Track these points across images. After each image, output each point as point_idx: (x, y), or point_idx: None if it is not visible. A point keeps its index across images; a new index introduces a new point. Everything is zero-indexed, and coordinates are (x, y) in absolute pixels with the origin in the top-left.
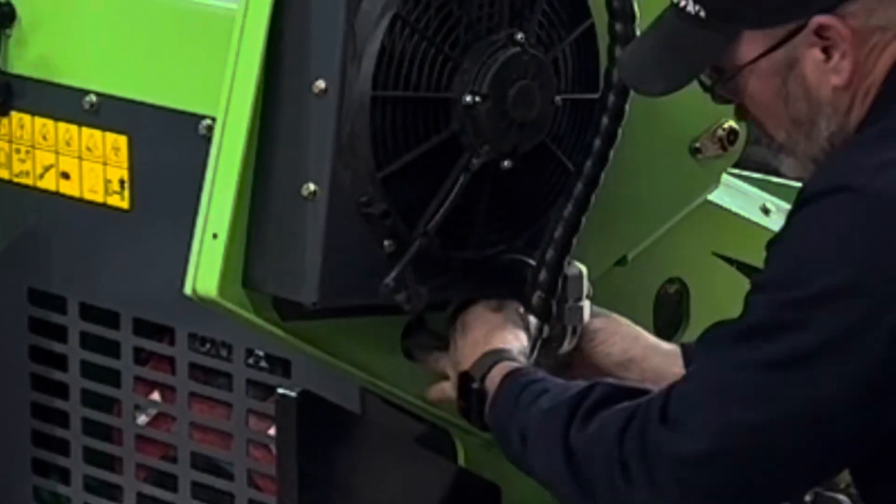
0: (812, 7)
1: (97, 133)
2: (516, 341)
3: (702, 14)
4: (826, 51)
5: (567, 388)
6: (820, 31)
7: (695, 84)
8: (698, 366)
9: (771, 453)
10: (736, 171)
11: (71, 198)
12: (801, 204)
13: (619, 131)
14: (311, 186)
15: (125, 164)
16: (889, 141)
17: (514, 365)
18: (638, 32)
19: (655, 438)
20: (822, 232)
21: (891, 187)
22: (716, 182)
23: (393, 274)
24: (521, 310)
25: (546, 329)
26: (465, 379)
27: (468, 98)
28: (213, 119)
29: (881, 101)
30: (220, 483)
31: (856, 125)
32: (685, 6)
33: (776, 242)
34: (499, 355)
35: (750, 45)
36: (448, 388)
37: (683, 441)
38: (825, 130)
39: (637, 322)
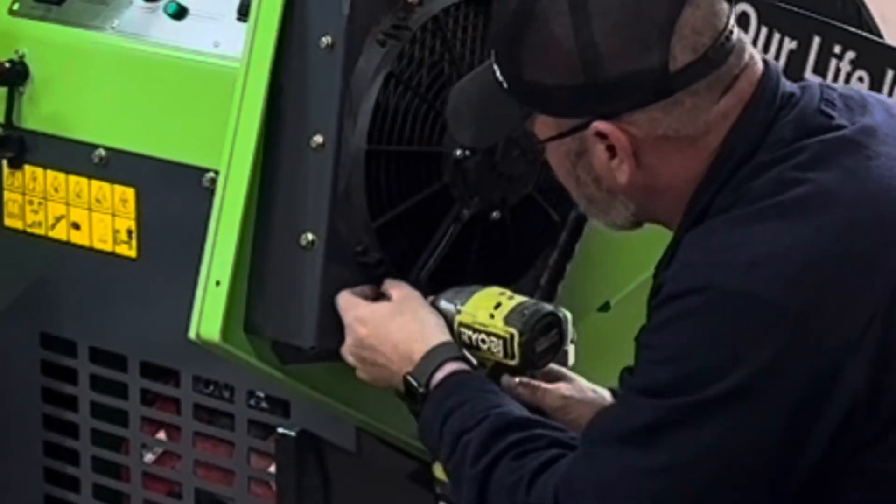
0: (594, 111)
1: (106, 185)
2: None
3: (504, 85)
4: (610, 150)
5: (498, 420)
6: (600, 135)
7: None
8: (586, 459)
9: None
10: None
11: (81, 247)
12: (668, 299)
13: None
14: (310, 236)
15: (133, 215)
16: (740, 230)
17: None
18: None
19: None
20: (706, 335)
21: (765, 289)
22: None
23: None
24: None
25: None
26: (408, 383)
27: (458, 152)
28: (216, 172)
29: (701, 195)
30: None
31: (674, 215)
32: (495, 71)
33: (649, 340)
34: (437, 356)
35: (544, 125)
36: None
37: None
38: (625, 211)
39: (619, 365)
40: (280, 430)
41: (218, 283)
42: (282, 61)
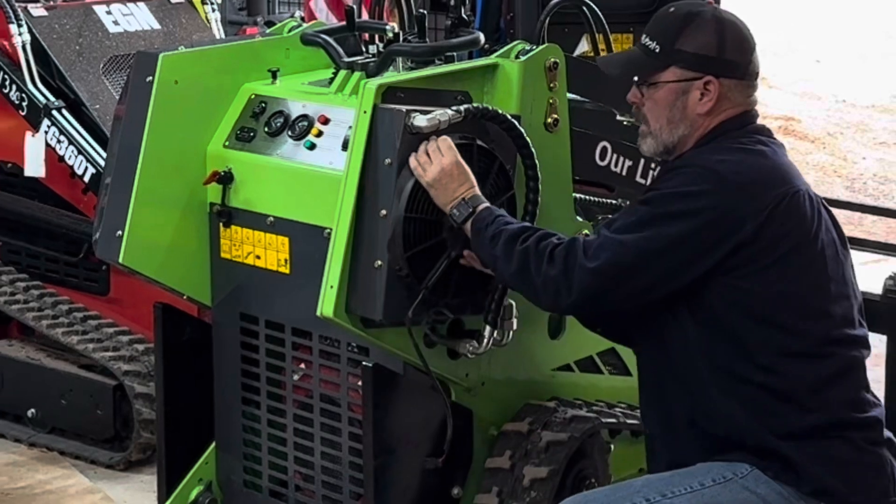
0: (712, 72)
1: (273, 236)
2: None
3: (656, 49)
4: (703, 95)
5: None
6: (706, 85)
7: None
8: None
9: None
10: None
11: (260, 268)
12: (671, 170)
13: None
14: (378, 262)
15: (287, 252)
16: (721, 152)
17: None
18: (540, 197)
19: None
20: (684, 184)
21: (723, 170)
22: None
23: (412, 308)
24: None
25: (496, 332)
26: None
27: (454, 216)
28: (331, 229)
29: (712, 134)
30: (334, 409)
31: (695, 140)
32: (647, 44)
33: (658, 186)
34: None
35: (670, 74)
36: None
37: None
38: (680, 132)
39: (542, 331)
40: (363, 363)
41: (332, 287)
42: (365, 172)
